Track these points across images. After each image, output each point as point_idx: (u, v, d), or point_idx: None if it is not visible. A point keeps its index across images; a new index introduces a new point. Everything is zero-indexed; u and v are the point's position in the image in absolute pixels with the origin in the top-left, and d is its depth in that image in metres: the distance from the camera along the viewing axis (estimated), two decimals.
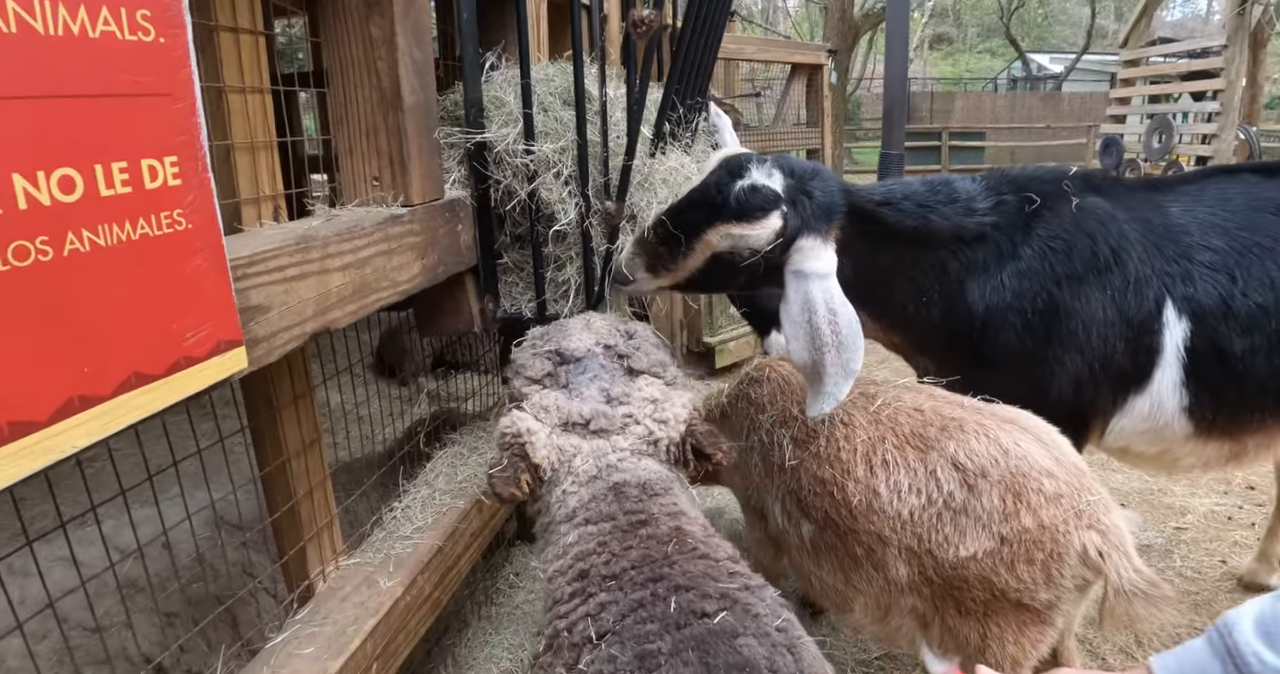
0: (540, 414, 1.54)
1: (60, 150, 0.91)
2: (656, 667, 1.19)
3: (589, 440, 1.54)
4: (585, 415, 1.54)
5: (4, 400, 0.88)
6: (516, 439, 1.50)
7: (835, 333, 1.96)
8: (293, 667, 1.62)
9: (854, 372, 1.99)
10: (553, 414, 1.55)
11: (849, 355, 1.98)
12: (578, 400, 1.57)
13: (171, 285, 1.07)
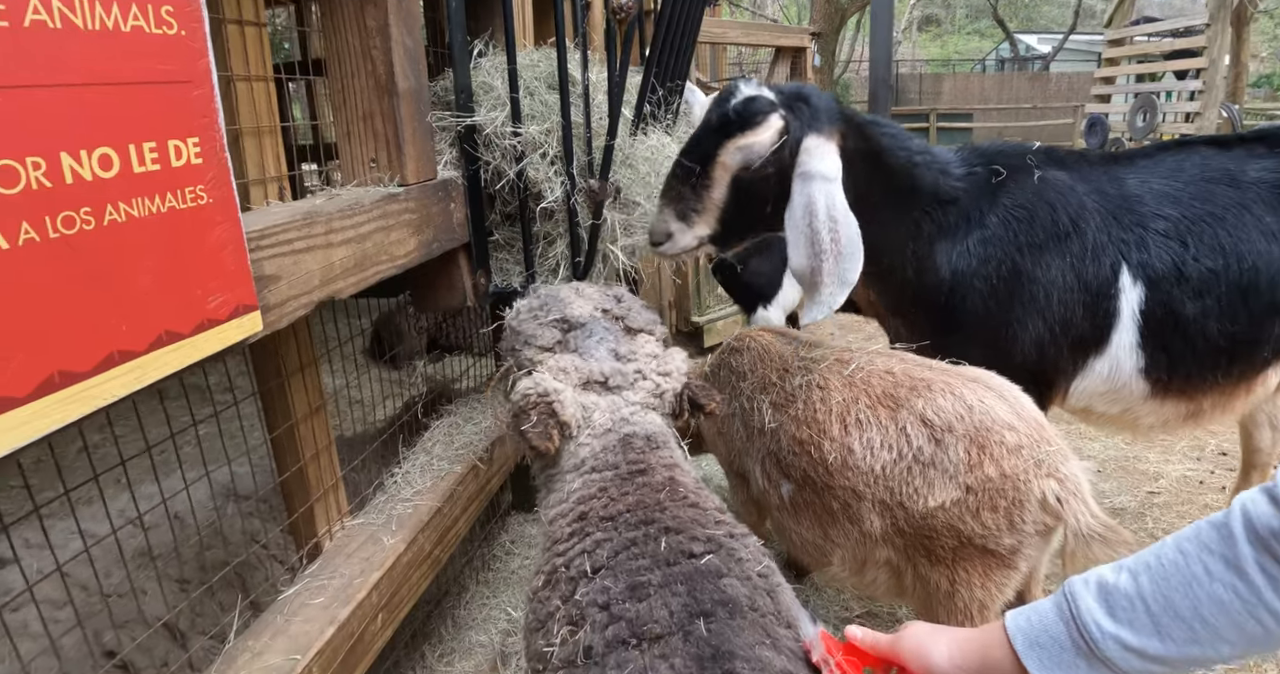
0: (560, 376, 1.63)
1: (99, 131, 1.04)
2: (647, 596, 1.32)
3: (605, 397, 1.65)
4: (605, 373, 1.64)
5: (55, 352, 1.00)
6: (544, 398, 1.58)
7: (834, 241, 2.08)
8: (305, 615, 1.75)
9: (850, 282, 2.12)
10: (572, 375, 1.64)
11: (846, 265, 2.10)
12: (593, 361, 1.67)
13: (195, 254, 1.20)
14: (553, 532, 1.54)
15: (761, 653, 1.22)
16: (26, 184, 0.95)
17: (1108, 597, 1.09)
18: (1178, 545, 1.08)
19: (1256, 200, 2.44)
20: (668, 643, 1.25)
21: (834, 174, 2.12)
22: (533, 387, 1.59)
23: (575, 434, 1.61)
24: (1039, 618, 1.13)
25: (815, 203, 2.08)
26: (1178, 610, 1.04)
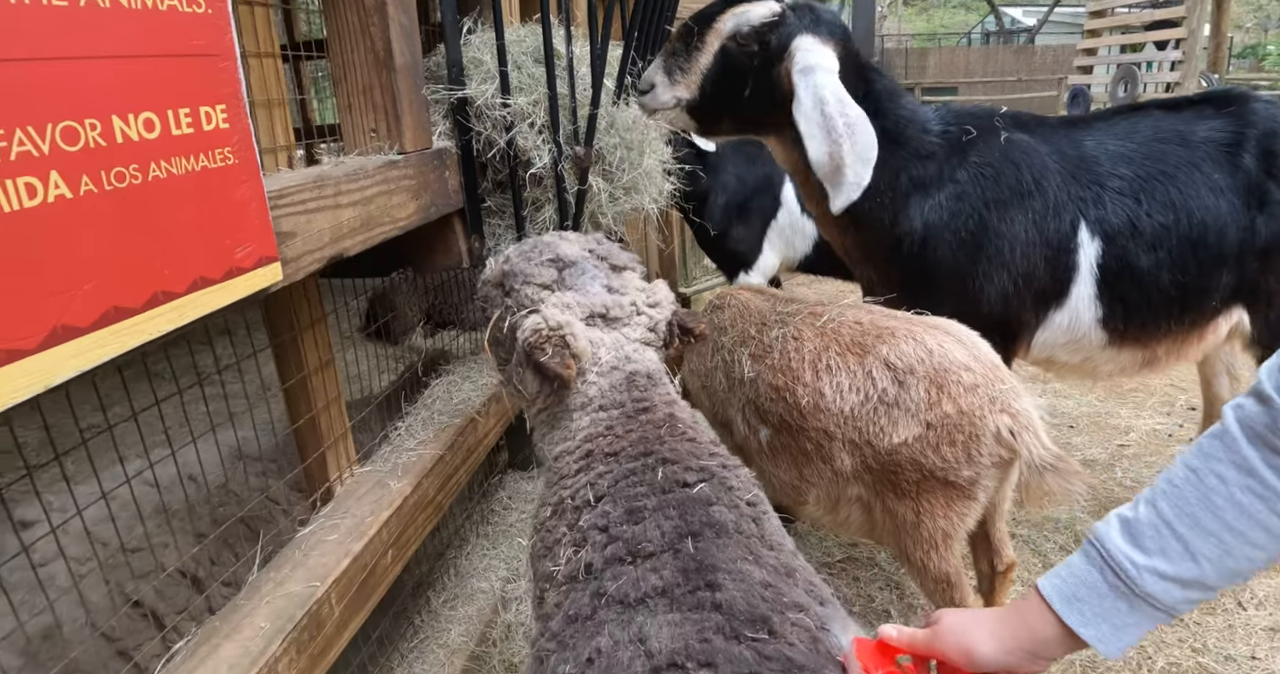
0: (565, 311, 1.69)
1: (143, 98, 1.18)
2: (642, 519, 1.47)
3: (609, 333, 1.73)
4: (606, 305, 1.72)
5: (111, 289, 1.15)
6: (556, 331, 1.64)
7: (848, 125, 2.26)
8: (321, 549, 1.91)
9: (870, 159, 2.31)
10: (575, 310, 1.70)
11: (862, 145, 2.29)
12: (590, 295, 1.74)
13: (224, 208, 1.35)
14: (559, 468, 1.68)
15: (743, 566, 1.37)
16: (85, 143, 1.10)
17: (1132, 531, 1.09)
18: (1185, 464, 1.10)
19: (1205, 159, 2.61)
20: (659, 559, 1.40)
21: (833, 66, 2.31)
22: (544, 321, 1.66)
23: (585, 370, 1.69)
24: (1070, 573, 1.12)
25: (822, 90, 2.26)
26: (1204, 525, 1.04)
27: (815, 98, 2.28)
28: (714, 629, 1.20)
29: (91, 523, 2.17)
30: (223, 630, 1.68)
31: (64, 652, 2.13)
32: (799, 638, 1.19)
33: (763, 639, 1.18)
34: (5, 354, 1.01)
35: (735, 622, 1.21)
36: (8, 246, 1.00)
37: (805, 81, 2.31)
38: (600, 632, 1.31)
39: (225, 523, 2.50)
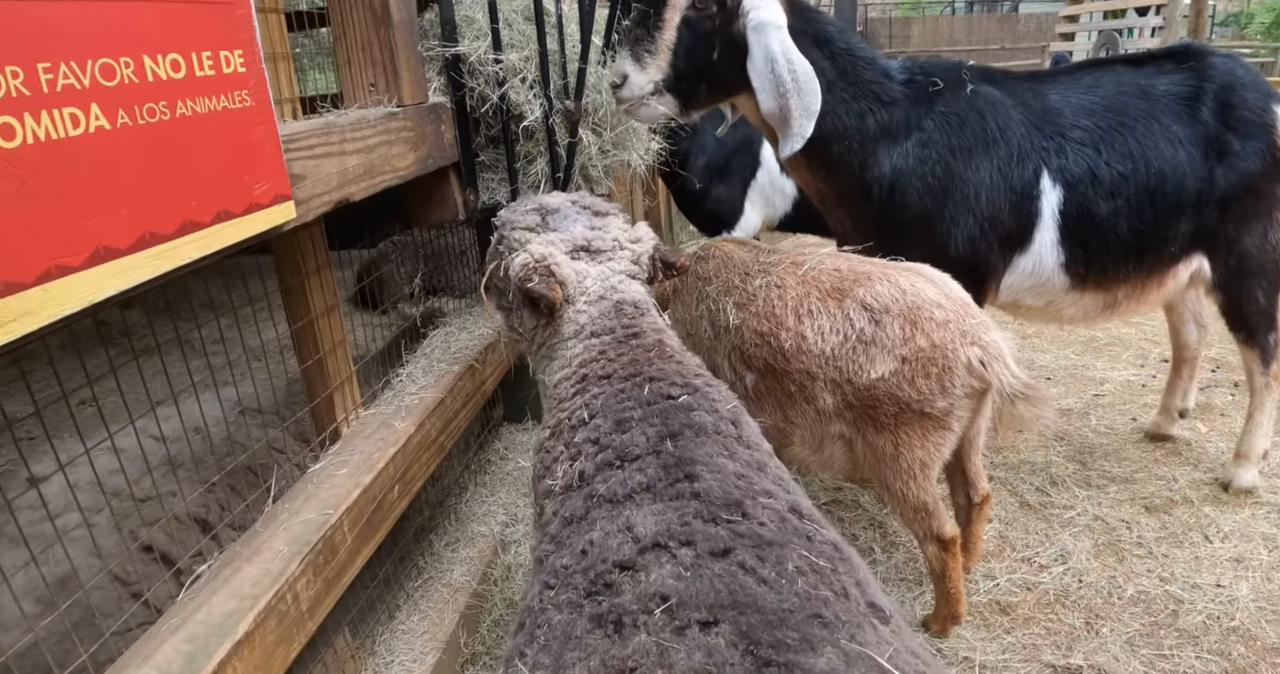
0: (548, 247, 1.83)
1: (170, 40, 1.29)
2: (629, 428, 1.60)
3: (594, 265, 1.86)
4: (586, 238, 1.86)
5: (145, 216, 1.27)
6: (542, 262, 1.79)
7: (795, 79, 2.41)
8: (333, 482, 2.04)
9: (814, 112, 2.46)
10: (558, 245, 1.85)
11: (808, 98, 2.44)
12: (572, 233, 1.89)
13: (243, 147, 1.46)
14: (557, 393, 1.81)
15: (719, 460, 1.51)
16: (120, 79, 1.21)
17: None
18: None
19: (1164, 111, 2.74)
20: (644, 460, 1.54)
21: (782, 21, 2.45)
22: (529, 256, 1.80)
23: (574, 299, 1.82)
24: None
25: (772, 48, 2.40)
26: None
27: (765, 54, 2.41)
28: (693, 514, 1.33)
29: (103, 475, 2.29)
30: (243, 554, 1.81)
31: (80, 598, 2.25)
32: (769, 518, 1.33)
33: (736, 520, 1.32)
34: (57, 269, 1.12)
35: (711, 507, 1.35)
36: (55, 170, 1.11)
37: (757, 38, 2.44)
38: (593, 527, 1.45)
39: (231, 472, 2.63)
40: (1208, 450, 3.73)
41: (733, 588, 1.21)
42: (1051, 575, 2.96)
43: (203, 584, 1.74)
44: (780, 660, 1.08)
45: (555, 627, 1.34)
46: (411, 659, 2.39)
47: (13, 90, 1.04)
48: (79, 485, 2.44)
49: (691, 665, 1.08)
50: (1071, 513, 3.30)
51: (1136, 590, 2.89)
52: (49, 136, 1.10)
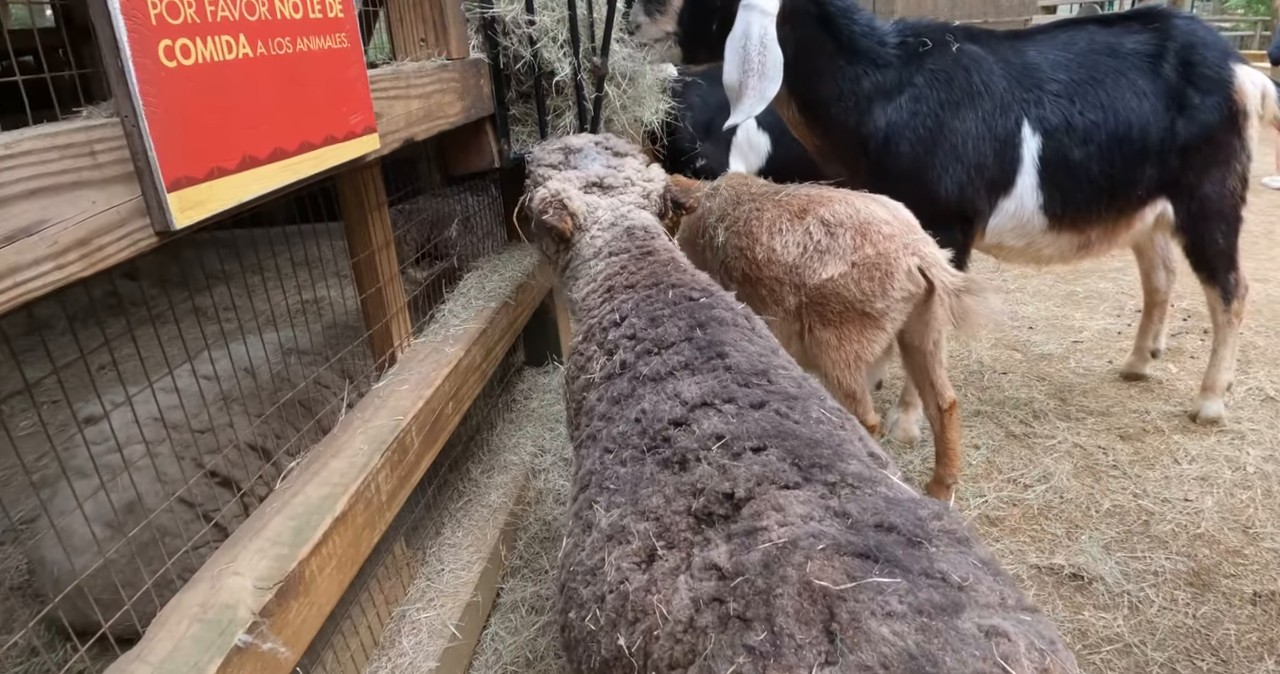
0: (565, 182, 2.11)
1: None
2: (661, 323, 1.86)
3: (606, 198, 2.14)
4: (599, 175, 2.14)
5: (275, 133, 1.51)
6: (556, 196, 2.07)
7: (761, 63, 2.67)
8: (398, 396, 2.29)
9: (766, 98, 2.73)
10: (574, 181, 2.12)
11: (766, 84, 2.71)
12: (588, 171, 2.16)
13: (342, 82, 1.71)
14: (585, 305, 2.07)
15: (742, 343, 1.78)
16: (259, 15, 1.45)
17: None
18: None
19: (1131, 67, 3.02)
20: (678, 346, 1.80)
21: (771, 9, 2.70)
22: (546, 191, 2.08)
23: (587, 226, 2.09)
24: None
25: (751, 28, 2.66)
26: None
27: (743, 32, 2.67)
28: (729, 381, 1.60)
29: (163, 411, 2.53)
30: (327, 453, 2.05)
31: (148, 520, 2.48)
32: (789, 384, 1.61)
33: (764, 384, 1.59)
34: (217, 170, 1.37)
35: (743, 375, 1.62)
36: (216, 87, 1.36)
37: (743, 16, 2.70)
38: (641, 401, 1.71)
39: (282, 407, 2.88)
40: (1178, 388, 4.03)
41: (773, 425, 1.48)
42: (1035, 493, 3.25)
43: (294, 477, 1.99)
44: (823, 465, 1.35)
45: (623, 477, 1.61)
46: (460, 567, 2.64)
47: (187, 18, 1.29)
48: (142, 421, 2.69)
49: (752, 474, 1.34)
50: (1053, 441, 3.59)
51: (1112, 505, 3.18)
52: (211, 59, 1.35)
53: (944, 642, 1.04)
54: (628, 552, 1.46)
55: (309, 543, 1.69)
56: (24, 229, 1.06)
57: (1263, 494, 3.21)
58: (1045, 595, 2.75)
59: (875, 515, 1.27)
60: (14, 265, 1.05)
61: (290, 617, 1.61)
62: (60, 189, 1.11)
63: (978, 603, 1.11)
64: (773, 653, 1.10)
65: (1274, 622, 2.64)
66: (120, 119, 1.20)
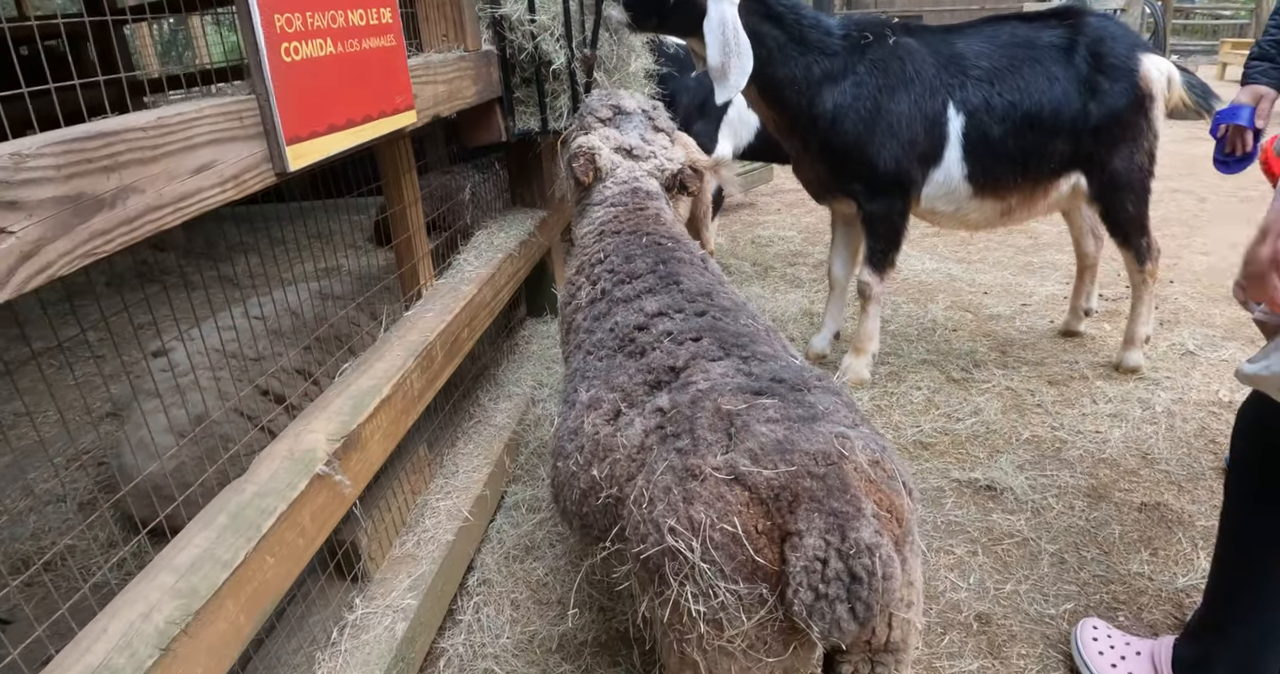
0: (602, 140, 2.71)
1: (351, 2, 2.18)
2: (634, 260, 2.50)
3: (627, 162, 2.75)
4: (631, 145, 2.75)
5: (348, 108, 2.16)
6: (590, 150, 2.68)
7: (737, 45, 3.31)
8: (424, 319, 2.93)
9: (747, 71, 3.37)
10: (610, 141, 2.72)
11: (744, 61, 3.36)
12: (626, 136, 2.76)
13: (390, 71, 2.35)
14: (582, 242, 2.71)
15: (695, 276, 2.41)
16: (339, 23, 2.10)
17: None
18: None
19: (1045, 57, 3.65)
20: (645, 277, 2.44)
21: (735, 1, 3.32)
22: (584, 142, 2.69)
23: (605, 179, 2.72)
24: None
25: (726, 17, 3.31)
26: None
27: (720, 21, 3.31)
28: (681, 299, 2.24)
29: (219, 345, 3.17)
30: (372, 359, 2.70)
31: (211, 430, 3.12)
32: (727, 301, 2.25)
33: (707, 301, 2.23)
34: (312, 133, 2.01)
35: (691, 295, 2.26)
36: (317, 74, 2.00)
37: (715, 7, 3.33)
38: (615, 315, 2.35)
39: (322, 340, 3.53)
40: (1108, 343, 4.67)
41: (709, 325, 2.12)
42: (965, 425, 3.89)
43: (349, 372, 2.62)
44: (740, 346, 1.98)
45: (599, 368, 2.25)
46: (471, 470, 3.29)
47: (297, 28, 1.93)
48: (203, 352, 3.33)
49: (691, 352, 1.98)
50: (987, 385, 4.24)
51: (1031, 434, 3.82)
52: (310, 55, 1.99)
53: (803, 436, 1.65)
54: (600, 413, 2.10)
55: (364, 413, 2.33)
56: (206, 165, 1.70)
57: (1166, 429, 3.84)
58: (962, 502, 3.39)
59: (770, 373, 1.90)
60: (200, 186, 1.69)
61: (351, 464, 2.25)
62: (223, 141, 1.75)
63: (832, 420, 1.73)
64: (691, 449, 1.72)
65: (1155, 525, 3.27)
66: (256, 96, 1.84)
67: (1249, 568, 2.10)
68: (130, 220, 1.52)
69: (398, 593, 2.63)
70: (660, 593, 1.68)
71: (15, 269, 1.29)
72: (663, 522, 1.64)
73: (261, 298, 3.62)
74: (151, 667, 1.50)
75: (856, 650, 1.73)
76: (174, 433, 3.18)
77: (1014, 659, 2.60)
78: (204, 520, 1.89)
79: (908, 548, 1.65)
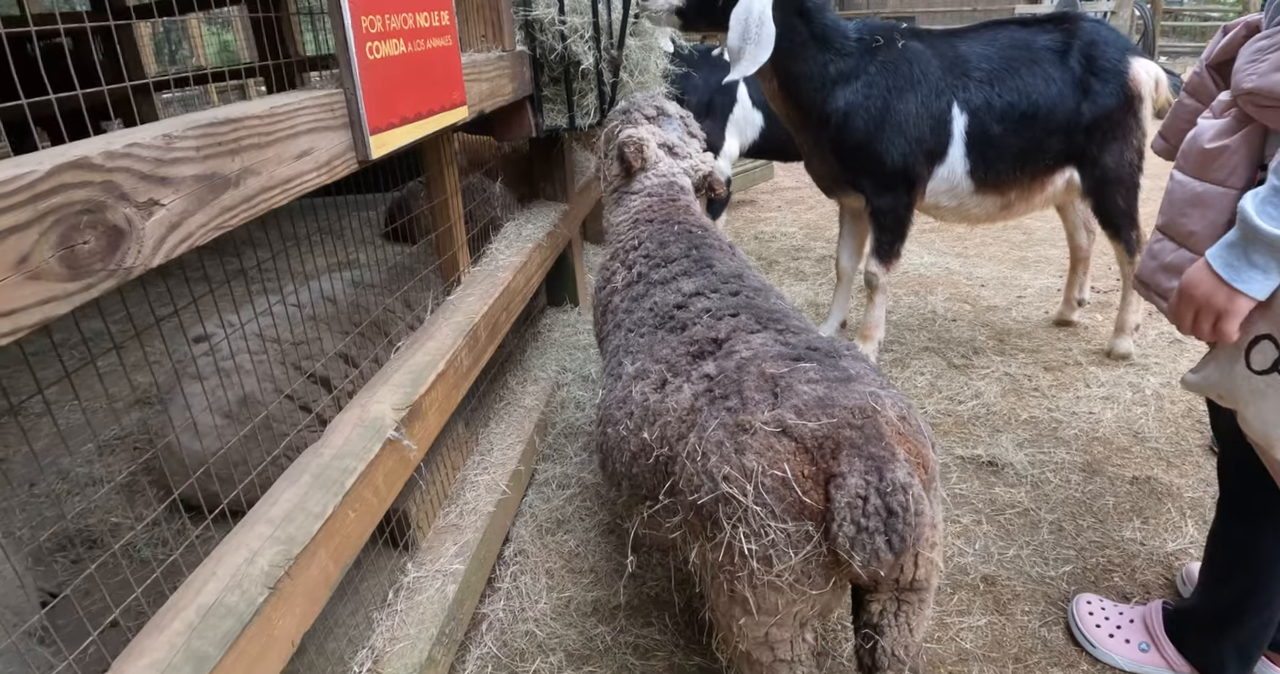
0: (649, 134, 2.96)
1: (422, 4, 2.38)
2: (668, 245, 2.71)
3: (668, 157, 2.99)
4: (673, 142, 3.00)
5: (414, 104, 2.36)
6: (640, 140, 2.92)
7: (759, 33, 3.52)
8: (467, 303, 3.13)
9: (760, 61, 3.58)
10: (656, 136, 2.98)
11: (760, 51, 3.57)
12: (668, 134, 3.01)
13: (448, 69, 2.55)
14: (617, 230, 2.93)
15: (726, 260, 2.63)
16: (409, 25, 2.30)
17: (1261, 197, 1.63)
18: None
19: (1042, 60, 3.89)
20: (679, 261, 2.65)
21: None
22: (634, 133, 2.94)
23: (647, 169, 2.95)
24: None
25: (754, 5, 3.49)
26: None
27: (746, 7, 3.52)
28: (715, 280, 2.45)
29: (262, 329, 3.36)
30: (423, 338, 2.89)
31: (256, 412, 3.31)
32: (756, 282, 2.46)
33: (739, 282, 2.45)
34: (389, 125, 2.21)
35: (724, 277, 2.48)
36: (389, 72, 2.20)
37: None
38: (653, 296, 2.56)
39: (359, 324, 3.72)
40: (1100, 332, 4.91)
41: (745, 303, 2.33)
42: (967, 407, 4.12)
43: (405, 349, 2.82)
44: (775, 320, 2.20)
45: (641, 344, 2.45)
46: (505, 448, 3.49)
47: (378, 29, 2.13)
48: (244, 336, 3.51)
49: (731, 326, 2.19)
50: (987, 370, 4.47)
51: (1029, 415, 4.05)
52: (388, 54, 2.20)
53: (841, 393, 1.86)
54: (648, 383, 2.31)
55: (424, 386, 2.53)
56: (305, 151, 1.90)
57: (1155, 410, 4.08)
58: (966, 476, 3.61)
59: (806, 343, 2.11)
60: (301, 170, 1.89)
61: (414, 431, 2.45)
62: (319, 130, 1.95)
63: (864, 381, 1.95)
64: (740, 407, 1.93)
65: (1146, 497, 3.50)
66: (344, 90, 2.04)
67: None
68: (250, 198, 1.72)
69: (445, 559, 2.83)
70: (713, 537, 1.88)
71: (165, 237, 1.49)
72: (717, 471, 1.85)
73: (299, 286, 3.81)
74: (263, 604, 1.69)
75: (885, 589, 1.95)
76: (219, 414, 3.35)
77: (1018, 615, 2.81)
78: (290, 478, 2.09)
79: (932, 493, 1.86)
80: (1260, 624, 2.32)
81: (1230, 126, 1.83)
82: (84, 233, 1.28)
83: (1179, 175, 1.97)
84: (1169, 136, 2.24)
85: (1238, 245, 1.66)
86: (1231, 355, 1.84)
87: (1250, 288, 1.66)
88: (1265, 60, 1.72)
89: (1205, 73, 2.10)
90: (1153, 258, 2.03)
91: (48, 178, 1.19)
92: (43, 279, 1.20)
